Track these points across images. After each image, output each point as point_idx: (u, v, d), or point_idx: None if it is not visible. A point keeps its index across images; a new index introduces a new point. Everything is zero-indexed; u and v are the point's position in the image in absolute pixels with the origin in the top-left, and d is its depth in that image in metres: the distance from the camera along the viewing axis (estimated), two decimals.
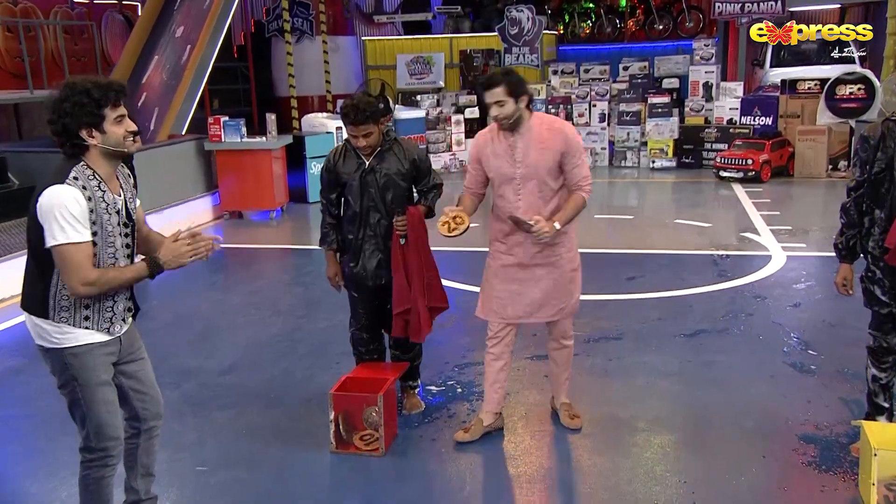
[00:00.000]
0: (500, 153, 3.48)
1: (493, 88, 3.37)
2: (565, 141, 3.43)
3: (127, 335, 2.80)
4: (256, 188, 9.40)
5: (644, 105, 12.55)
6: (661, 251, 7.41)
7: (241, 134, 9.35)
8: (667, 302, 5.87)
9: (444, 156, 12.88)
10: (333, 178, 3.85)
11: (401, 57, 14.88)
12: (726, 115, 12.29)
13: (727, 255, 7.17)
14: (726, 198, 10.17)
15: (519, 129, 3.43)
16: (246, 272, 7.31)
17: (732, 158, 10.94)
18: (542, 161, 3.43)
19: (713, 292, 6.06)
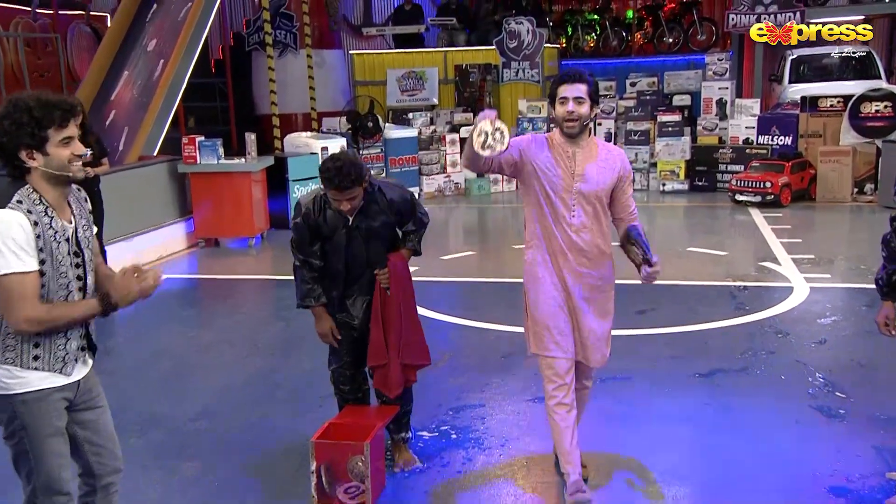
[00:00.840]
0: (558, 161, 3.44)
1: (579, 83, 3.37)
2: (623, 165, 3.50)
3: (85, 379, 2.74)
4: (234, 214, 9.39)
5: (653, 124, 12.61)
6: (674, 282, 7.39)
7: (218, 155, 9.36)
8: (680, 338, 5.85)
9: (438, 178, 12.91)
10: (313, 233, 3.82)
11: (391, 72, 14.97)
12: (742, 134, 12.36)
13: (745, 287, 7.17)
14: (743, 224, 10.19)
15: (580, 141, 3.44)
16: (221, 305, 7.26)
17: (749, 181, 10.98)
18: (602, 179, 3.45)
19: (731, 327, 6.05)
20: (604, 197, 3.47)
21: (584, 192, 3.43)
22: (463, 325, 6.28)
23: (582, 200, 3.44)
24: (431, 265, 7.98)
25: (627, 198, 3.53)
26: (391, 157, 12.33)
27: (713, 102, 12.87)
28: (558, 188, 3.43)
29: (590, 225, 3.46)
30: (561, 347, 3.51)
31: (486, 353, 5.67)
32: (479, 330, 6.20)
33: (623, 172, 3.49)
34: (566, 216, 3.45)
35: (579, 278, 3.50)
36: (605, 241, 3.53)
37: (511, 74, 14.60)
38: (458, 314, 6.52)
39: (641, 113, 12.81)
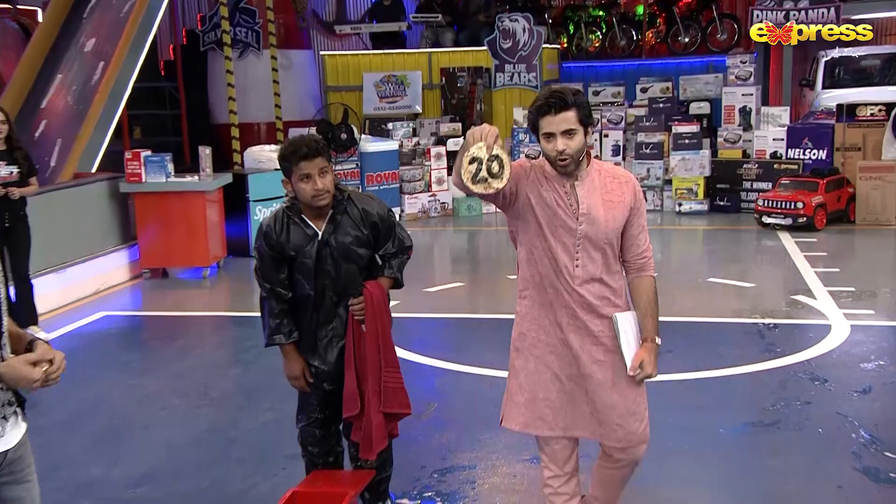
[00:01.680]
0: (556, 200, 3.21)
1: (565, 111, 3.08)
2: (635, 194, 3.28)
3: (16, 448, 2.64)
4: (186, 240, 9.36)
5: (667, 135, 12.66)
6: (692, 319, 7.37)
7: (166, 172, 9.32)
8: (701, 386, 5.81)
9: (422, 197, 12.92)
10: (278, 256, 3.78)
11: (368, 76, 15.00)
12: (769, 147, 12.44)
13: (775, 325, 7.16)
14: (772, 250, 10.21)
15: (578, 173, 3.21)
16: (169, 348, 7.19)
17: (778, 201, 11.02)
18: (611, 219, 3.22)
19: (759, 373, 6.02)
20: (615, 239, 3.26)
21: (591, 236, 3.20)
22: (450, 370, 6.23)
23: (588, 246, 3.21)
24: (413, 299, 7.95)
25: (637, 234, 3.30)
26: (368, 172, 12.36)
27: (736, 111, 12.97)
28: (558, 232, 3.20)
29: (599, 275, 3.24)
30: (547, 423, 3.31)
31: (478, 404, 5.60)
32: (470, 376, 6.15)
33: (635, 203, 3.28)
34: (568, 266, 3.21)
35: (589, 339, 3.26)
36: (618, 295, 3.31)
37: (505, 79, 14.66)
38: (444, 357, 6.47)
39: (654, 123, 12.87)
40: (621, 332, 3.24)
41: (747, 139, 12.73)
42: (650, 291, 3.33)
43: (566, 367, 3.30)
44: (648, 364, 3.24)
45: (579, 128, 3.11)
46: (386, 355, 3.83)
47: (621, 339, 3.23)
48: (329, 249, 3.74)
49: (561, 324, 3.28)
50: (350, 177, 12.14)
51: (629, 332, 3.25)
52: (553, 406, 3.30)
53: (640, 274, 3.34)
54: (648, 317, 3.29)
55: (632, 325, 3.28)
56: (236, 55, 14.22)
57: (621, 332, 3.24)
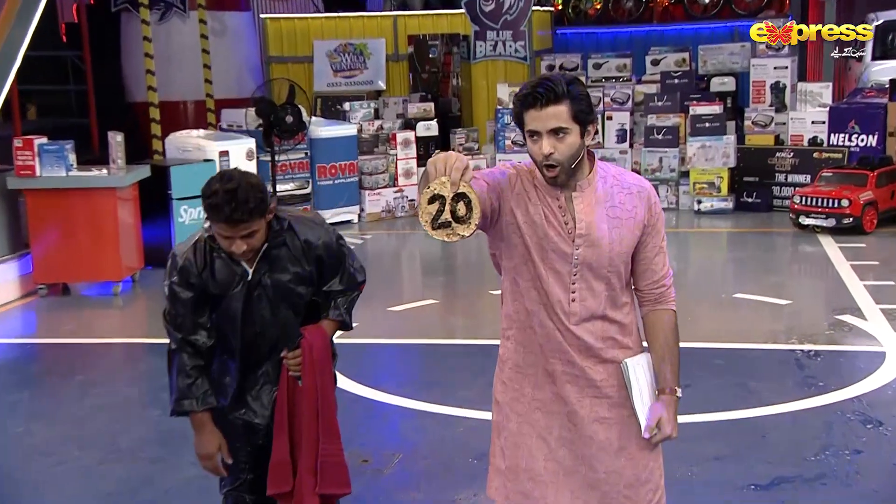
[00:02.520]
0: (548, 217, 3.09)
1: (555, 105, 2.96)
2: (650, 209, 3.14)
3: None
4: (92, 248, 9.29)
5: (684, 118, 12.67)
6: (715, 344, 7.34)
7: (67, 164, 9.22)
8: (727, 429, 5.77)
9: (387, 193, 12.89)
10: (199, 297, 3.67)
11: (320, 45, 14.95)
12: (807, 132, 12.48)
13: (816, 352, 7.12)
14: (811, 258, 10.22)
15: (577, 181, 3.10)
16: (69, 385, 7.08)
17: (819, 198, 11.03)
18: (616, 240, 3.09)
19: (798, 413, 5.98)
20: (623, 265, 3.12)
21: (591, 262, 3.07)
22: (419, 411, 6.17)
23: (588, 275, 3.08)
24: (374, 320, 7.91)
25: (653, 257, 3.17)
26: (320, 164, 12.33)
27: (767, 88, 13.02)
28: (549, 258, 3.08)
29: (601, 311, 3.11)
30: (532, 501, 3.17)
31: (453, 453, 5.55)
32: (443, 417, 6.08)
33: (649, 219, 3.13)
34: (562, 301, 3.08)
35: (589, 391, 3.15)
36: (626, 333, 3.18)
37: (487, 49, 14.63)
38: (411, 394, 6.42)
39: (667, 102, 12.87)
40: (632, 381, 3.11)
41: (781, 122, 12.76)
42: (669, 329, 3.19)
43: (557, 427, 3.17)
44: (667, 423, 3.10)
45: (573, 126, 2.97)
46: (325, 422, 3.76)
47: (633, 390, 3.11)
48: (262, 291, 3.65)
49: (553, 373, 3.15)
50: (297, 169, 12.07)
51: (642, 382, 3.13)
52: (539, 480, 3.16)
53: (657, 307, 3.21)
54: (666, 362, 3.15)
55: (645, 373, 3.15)
56: (156, 18, 14.12)
57: (632, 382, 3.11)
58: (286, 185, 11.90)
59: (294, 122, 11.60)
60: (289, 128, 11.57)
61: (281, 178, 11.77)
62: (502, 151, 13.29)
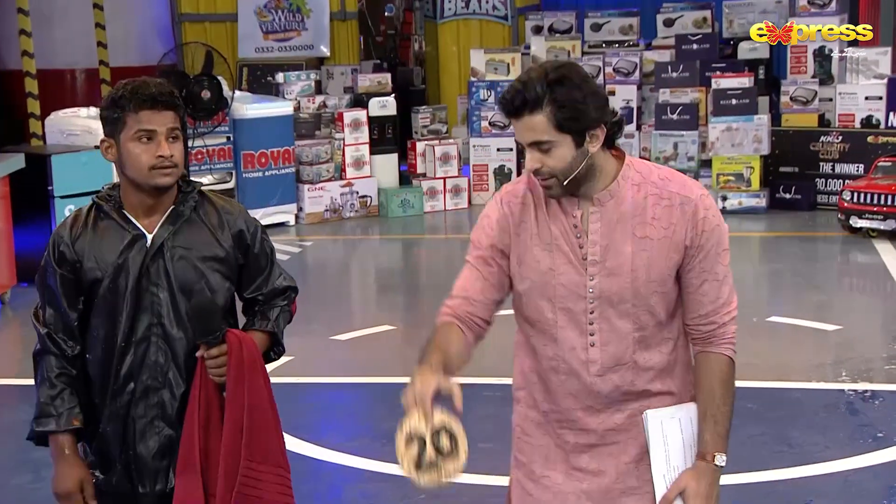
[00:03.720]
0: (555, 239, 3.16)
1: (531, 115, 3.02)
2: (696, 224, 3.12)
3: None
4: None
5: (704, 92, 12.73)
6: (747, 383, 7.06)
7: None
8: (762, 494, 5.79)
9: (332, 188, 12.89)
10: (71, 280, 3.59)
11: (244, 1, 14.79)
12: (860, 110, 12.53)
13: (873, 393, 7.12)
14: (866, 270, 10.34)
15: (592, 192, 3.12)
16: None
17: (874, 194, 11.05)
18: (643, 267, 3.11)
19: (851, 473, 5.96)
20: (654, 299, 3.12)
21: (611, 296, 3.10)
22: (370, 472, 6.11)
23: (608, 312, 3.12)
24: (315, 351, 7.98)
25: (699, 285, 3.16)
26: (246, 150, 12.36)
27: (809, 55, 13.06)
28: (558, 293, 3.15)
29: (629, 359, 3.14)
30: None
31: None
32: (399, 481, 5.84)
33: (696, 237, 3.11)
34: (578, 347, 3.15)
35: (606, 459, 3.22)
36: (664, 380, 3.22)
37: (457, 5, 14.62)
38: (360, 450, 6.37)
39: (684, 73, 12.94)
40: (654, 438, 3.16)
41: (826, 98, 12.79)
42: (718, 379, 3.17)
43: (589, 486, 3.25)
44: (694, 497, 3.12)
45: (558, 137, 3.01)
46: (259, 442, 3.63)
47: (653, 449, 3.16)
48: (162, 265, 3.56)
49: (565, 444, 3.25)
50: (218, 157, 12.00)
51: (674, 440, 3.18)
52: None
53: (706, 349, 3.20)
54: (709, 419, 3.16)
55: (681, 430, 3.19)
56: None
57: (653, 439, 3.16)
58: (203, 177, 11.74)
59: (212, 97, 11.59)
60: (205, 105, 11.58)
61: (196, 170, 11.74)
62: (477, 135, 13.37)
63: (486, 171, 13.13)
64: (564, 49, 13.76)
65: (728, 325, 3.15)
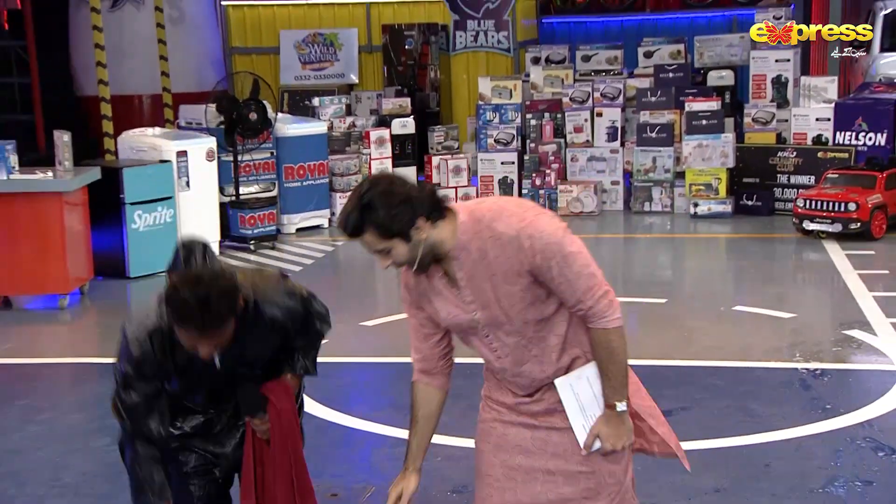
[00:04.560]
0: (439, 292, 3.38)
1: (358, 237, 3.23)
2: (524, 253, 3.22)
3: None
4: (36, 258, 9.26)
5: (679, 114, 12.72)
6: (713, 362, 7.37)
7: (8, 167, 9.17)
8: (726, 457, 5.75)
9: None
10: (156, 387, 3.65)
11: (287, 35, 15.03)
12: (811, 129, 12.51)
13: (822, 371, 7.12)
14: (816, 267, 10.27)
15: (446, 255, 3.31)
16: (9, 412, 7.00)
17: (824, 201, 11.03)
18: (504, 296, 3.28)
19: (803, 439, 5.95)
20: (526, 313, 3.30)
21: (494, 323, 3.34)
22: (393, 438, 6.08)
23: (500, 334, 3.36)
24: (346, 336, 7.87)
25: (563, 288, 3.27)
26: (287, 164, 12.32)
27: (768, 82, 13.07)
28: (462, 328, 3.42)
29: (528, 356, 3.38)
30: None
31: (429, 485, 5.36)
32: None
33: (532, 263, 3.22)
34: (492, 360, 3.44)
35: (542, 412, 3.46)
36: (578, 343, 3.41)
37: (467, 40, 14.64)
38: (385, 419, 6.35)
39: (661, 98, 12.93)
40: (567, 399, 3.39)
41: (783, 119, 12.80)
42: (600, 348, 3.37)
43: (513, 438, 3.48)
44: (607, 437, 3.36)
45: (389, 243, 3.21)
46: (301, 485, 3.88)
47: (568, 408, 3.39)
48: (225, 369, 3.68)
49: (510, 418, 3.49)
50: (262, 170, 12.03)
51: (585, 396, 3.40)
52: (497, 485, 3.50)
53: (589, 325, 3.37)
54: (604, 378, 3.39)
55: (585, 388, 3.40)
56: (108, 5, 14.13)
57: (567, 400, 3.39)
58: (250, 187, 11.83)
59: (258, 119, 11.57)
60: (253, 125, 11.54)
61: (244, 180, 11.72)
62: (484, 150, 13.30)
63: (491, 182, 13.08)
64: (559, 77, 13.70)
65: (596, 306, 3.29)
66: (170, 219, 10.50)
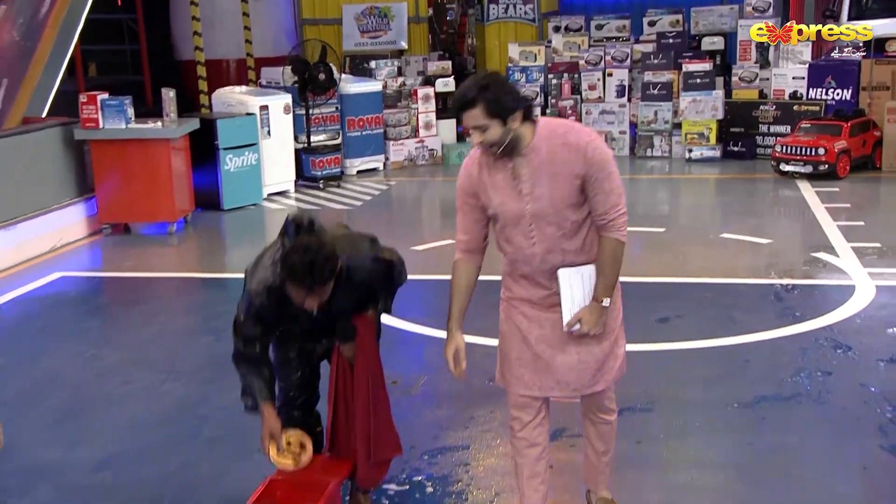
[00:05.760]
0: (499, 184, 3.46)
1: (468, 110, 3.33)
2: (586, 160, 3.38)
3: None
4: (149, 192, 9.33)
5: (677, 74, 12.61)
6: (703, 279, 7.40)
7: (126, 118, 9.23)
8: (714, 355, 5.82)
9: (409, 143, 12.89)
10: (270, 326, 3.75)
11: (348, 8, 14.86)
12: (789, 86, 12.40)
13: (794, 286, 7.16)
14: (790, 201, 10.23)
15: (520, 150, 3.41)
16: (131, 313, 7.16)
17: (798, 147, 10.98)
18: (558, 192, 3.40)
19: (777, 340, 6.03)
20: (568, 211, 3.43)
21: (539, 214, 3.43)
22: (441, 339, 6.06)
23: (541, 224, 3.45)
24: None
25: (594, 196, 3.43)
26: (349, 117, 12.30)
27: (752, 47, 12.88)
28: (508, 217, 3.48)
29: (557, 248, 3.48)
30: (523, 382, 3.64)
31: (470, 376, 5.29)
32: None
33: (587, 169, 3.38)
34: (525, 247, 3.50)
35: (551, 308, 3.55)
36: (586, 254, 3.53)
37: (499, 11, 14.52)
38: (434, 323, 6.38)
39: (662, 60, 12.80)
40: (563, 287, 3.50)
41: (765, 78, 12.67)
42: (607, 253, 3.48)
43: (536, 329, 3.59)
44: (586, 323, 3.49)
45: (489, 121, 3.31)
46: (376, 398, 3.88)
47: (562, 294, 3.50)
48: (322, 320, 3.73)
49: (530, 298, 3.59)
50: (329, 122, 12.06)
51: (576, 289, 3.51)
52: (525, 365, 3.62)
53: (603, 234, 3.49)
54: (601, 277, 3.50)
55: (581, 282, 3.51)
56: None
57: (563, 288, 3.50)
58: (319, 136, 11.86)
59: (326, 79, 11.56)
60: (321, 84, 11.55)
61: (314, 130, 11.75)
62: None
63: None
64: (576, 42, 13.60)
65: (617, 219, 3.46)
66: (255, 161, 10.60)
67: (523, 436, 3.69)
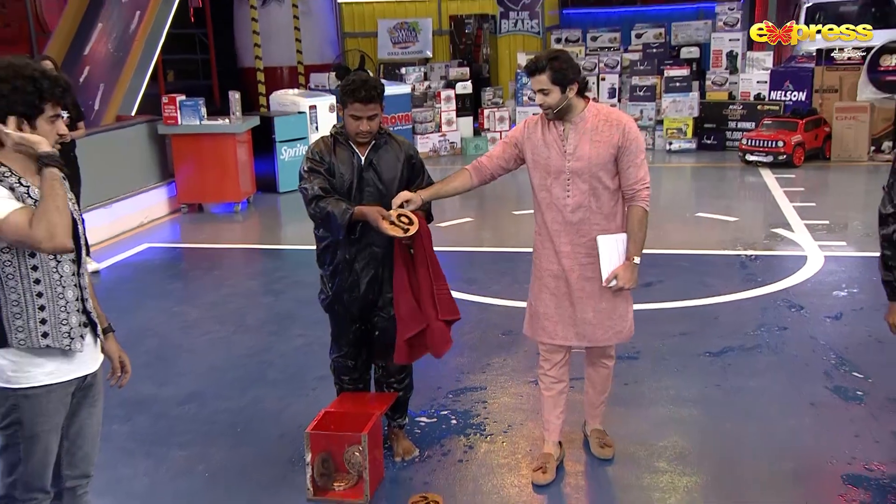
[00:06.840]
0: (550, 142, 3.57)
1: (537, 75, 3.46)
2: (623, 134, 3.49)
3: (94, 375, 2.74)
4: (219, 177, 9.37)
5: (659, 78, 12.55)
6: (681, 251, 7.40)
7: (200, 116, 9.28)
8: (689, 313, 5.85)
9: (433, 137, 12.86)
10: (327, 169, 3.64)
11: (382, 23, 14.82)
12: (753, 89, 12.32)
13: (756, 256, 7.16)
14: (754, 186, 10.19)
15: (570, 118, 3.53)
16: (207, 277, 7.23)
17: (760, 140, 10.94)
18: (595, 155, 3.49)
19: (741, 301, 6.05)
20: (601, 173, 3.51)
21: (577, 171, 3.51)
22: (461, 300, 6.12)
23: (577, 179, 3.52)
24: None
25: (626, 168, 3.51)
26: (383, 115, 12.15)
27: (723, 55, 12.82)
28: (551, 170, 3.55)
29: (587, 203, 3.53)
30: (547, 332, 3.71)
31: (486, 330, 5.64)
32: (478, 305, 6.15)
33: (623, 142, 3.48)
34: (561, 197, 3.55)
35: (576, 260, 3.60)
36: (608, 220, 3.57)
37: (509, 25, 14.44)
38: (455, 287, 6.27)
39: (647, 67, 12.76)
40: (602, 250, 3.55)
41: (733, 82, 12.59)
42: (635, 219, 3.55)
43: (562, 286, 3.64)
44: (622, 278, 3.54)
45: (552, 87, 3.44)
46: (434, 270, 3.73)
47: (602, 256, 3.55)
48: (372, 173, 3.66)
49: (556, 248, 3.61)
50: None
51: (612, 252, 3.55)
52: (552, 318, 3.68)
53: (631, 203, 3.57)
54: (631, 240, 3.56)
55: (616, 246, 3.56)
56: (260, 2, 14.07)
57: (602, 251, 3.55)
58: None
59: None
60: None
61: None
62: (520, 105, 13.19)
63: None
64: (574, 52, 13.44)
65: (642, 191, 3.53)
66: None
67: (552, 374, 3.80)
